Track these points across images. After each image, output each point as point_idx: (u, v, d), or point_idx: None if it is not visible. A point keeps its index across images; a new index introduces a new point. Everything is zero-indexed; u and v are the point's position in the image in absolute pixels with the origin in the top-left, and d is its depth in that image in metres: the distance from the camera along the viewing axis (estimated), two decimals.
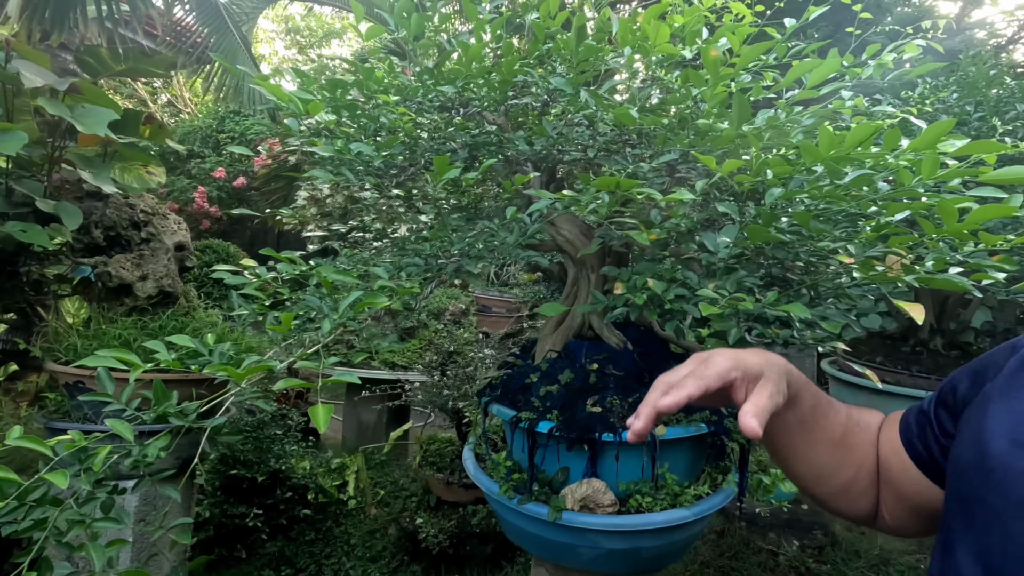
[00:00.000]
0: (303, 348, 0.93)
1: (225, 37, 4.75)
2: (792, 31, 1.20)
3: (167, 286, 1.67)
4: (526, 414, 1.26)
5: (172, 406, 0.76)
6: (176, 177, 7.76)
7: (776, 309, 0.89)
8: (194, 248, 3.84)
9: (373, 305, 0.81)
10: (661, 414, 0.57)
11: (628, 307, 0.99)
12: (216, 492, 2.33)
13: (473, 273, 0.99)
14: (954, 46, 3.19)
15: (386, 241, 1.54)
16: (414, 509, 2.37)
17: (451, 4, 4.01)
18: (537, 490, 1.23)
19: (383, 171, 1.13)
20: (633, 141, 1.20)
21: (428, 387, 2.34)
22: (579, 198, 0.93)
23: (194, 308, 1.77)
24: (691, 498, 1.21)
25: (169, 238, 1.74)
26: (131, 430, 0.74)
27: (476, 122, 1.19)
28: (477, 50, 1.00)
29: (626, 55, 0.93)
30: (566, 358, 1.40)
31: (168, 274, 1.68)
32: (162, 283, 1.66)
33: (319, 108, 0.88)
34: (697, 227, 1.07)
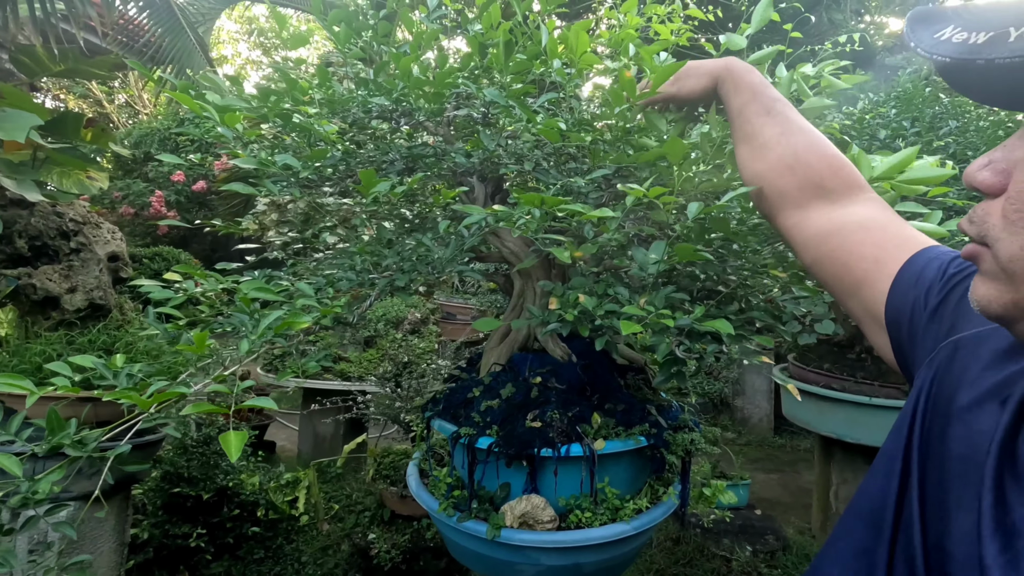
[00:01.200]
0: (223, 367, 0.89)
1: (179, 38, 4.62)
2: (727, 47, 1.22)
3: (98, 298, 1.60)
4: (466, 430, 1.24)
5: (68, 436, 0.72)
6: (132, 180, 7.49)
7: (703, 325, 0.89)
8: (144, 255, 3.71)
9: (294, 326, 0.78)
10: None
11: (561, 323, 0.98)
12: (157, 511, 2.23)
13: (403, 288, 0.97)
14: (896, 62, 3.33)
15: (328, 251, 1.50)
16: (367, 524, 2.31)
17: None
18: (476, 507, 1.21)
19: (314, 183, 1.10)
20: (574, 154, 1.20)
21: (381, 399, 2.30)
22: (512, 213, 0.92)
23: (128, 321, 1.70)
24: (631, 512, 1.20)
25: (102, 248, 1.66)
26: (19, 464, 0.69)
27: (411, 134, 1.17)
28: (408, 62, 0.99)
29: (555, 68, 0.93)
30: (510, 371, 1.39)
31: (100, 286, 1.61)
32: (92, 295, 1.59)
33: (236, 120, 0.85)
34: (633, 241, 1.07)
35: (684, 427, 1.31)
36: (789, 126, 0.75)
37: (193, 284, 1.07)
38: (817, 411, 2.42)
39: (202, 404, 0.66)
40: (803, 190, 0.72)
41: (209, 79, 1.09)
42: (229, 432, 0.66)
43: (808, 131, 0.75)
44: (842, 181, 0.71)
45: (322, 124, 0.92)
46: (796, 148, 0.73)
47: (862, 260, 0.64)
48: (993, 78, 0.39)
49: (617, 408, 1.28)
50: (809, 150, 0.73)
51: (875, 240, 0.64)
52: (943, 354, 0.52)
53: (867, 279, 0.63)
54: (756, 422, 4.64)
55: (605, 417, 1.26)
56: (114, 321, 1.65)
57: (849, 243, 0.65)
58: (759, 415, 4.64)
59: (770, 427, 4.60)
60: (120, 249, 1.72)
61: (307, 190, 1.09)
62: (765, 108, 0.77)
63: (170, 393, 0.68)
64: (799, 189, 0.72)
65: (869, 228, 0.66)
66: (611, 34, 0.93)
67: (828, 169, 0.71)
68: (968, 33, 0.39)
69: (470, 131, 1.39)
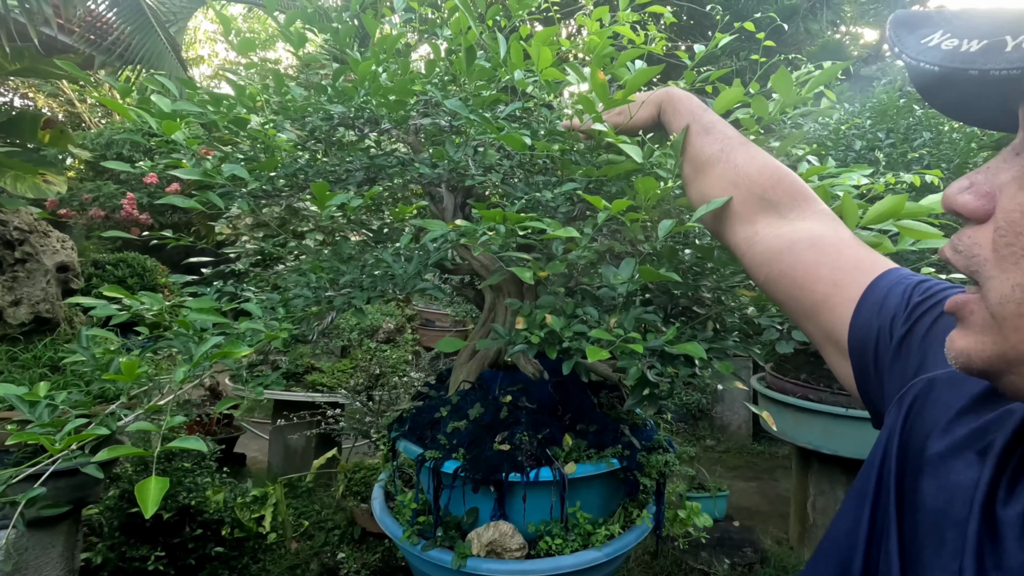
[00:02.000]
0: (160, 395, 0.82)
1: (149, 37, 4.48)
2: (701, 58, 1.19)
3: (44, 312, 1.50)
4: (431, 452, 1.18)
5: None
6: (103, 182, 7.28)
7: (675, 348, 0.85)
8: (107, 262, 3.57)
9: (231, 355, 0.72)
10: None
11: (527, 344, 0.93)
12: (114, 533, 2.13)
13: (359, 309, 0.91)
14: (871, 73, 3.36)
15: (290, 265, 1.43)
16: (336, 543, 2.23)
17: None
18: (442, 535, 1.15)
19: (268, 194, 1.04)
20: (543, 166, 1.15)
21: (353, 412, 2.23)
22: (475, 229, 0.87)
23: (78, 336, 1.60)
24: (603, 538, 1.16)
25: (49, 258, 1.57)
26: None
27: (379, 142, 1.12)
28: (367, 67, 0.93)
29: (517, 79, 0.88)
30: (479, 389, 1.33)
31: (46, 298, 1.52)
32: (39, 308, 1.49)
33: (174, 128, 0.79)
34: (605, 257, 1.03)
35: (659, 448, 1.27)
36: (729, 143, 0.74)
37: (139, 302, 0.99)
38: (794, 422, 2.40)
39: (119, 448, 0.59)
40: (747, 203, 0.70)
41: (155, 81, 1.02)
42: (149, 479, 0.59)
43: (748, 146, 0.74)
44: (786, 192, 0.69)
45: (271, 134, 0.86)
46: (736, 162, 0.72)
47: (819, 282, 0.60)
48: (983, 92, 0.36)
49: (589, 429, 1.24)
50: (750, 163, 0.71)
51: (831, 261, 0.61)
52: (914, 392, 0.49)
53: (826, 303, 0.59)
54: (735, 429, 4.65)
55: (577, 439, 1.21)
56: (62, 336, 1.56)
57: (803, 263, 0.62)
58: (738, 422, 4.65)
59: (749, 434, 4.61)
60: (70, 259, 1.63)
61: (260, 202, 1.03)
62: (704, 128, 0.77)
63: (87, 435, 0.61)
64: (743, 203, 0.70)
65: (822, 247, 0.63)
66: (568, 43, 0.89)
67: (770, 180, 0.70)
68: (959, 40, 0.35)
69: (440, 139, 1.34)
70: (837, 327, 0.58)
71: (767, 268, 0.66)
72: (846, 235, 0.65)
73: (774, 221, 0.68)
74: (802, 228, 0.65)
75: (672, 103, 0.81)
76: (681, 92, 0.82)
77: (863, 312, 0.56)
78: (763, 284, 0.68)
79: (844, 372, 0.59)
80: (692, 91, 1.19)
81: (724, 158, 0.73)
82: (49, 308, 1.52)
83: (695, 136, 0.77)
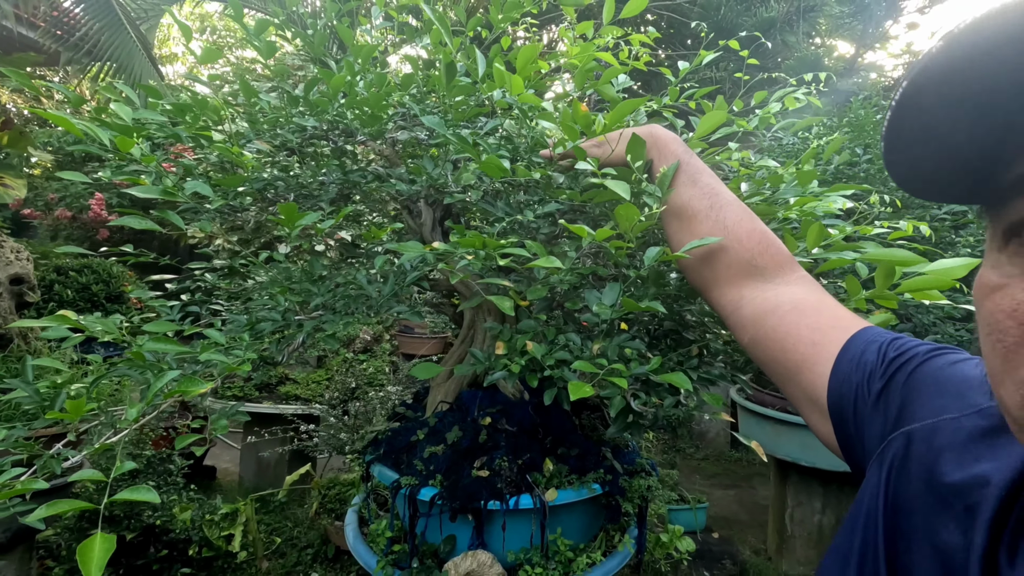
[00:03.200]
0: (112, 432, 0.76)
1: (119, 35, 4.34)
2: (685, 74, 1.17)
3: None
4: (407, 479, 1.14)
5: None
6: (70, 182, 7.05)
7: (659, 377, 0.82)
8: (70, 268, 3.43)
9: (187, 393, 0.67)
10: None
11: (507, 372, 0.90)
12: (73, 555, 2.02)
13: (332, 336, 0.86)
14: (847, 87, 3.41)
15: (260, 280, 1.37)
16: (309, 562, 2.16)
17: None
18: (417, 567, 1.10)
19: (235, 211, 0.98)
20: (524, 185, 1.12)
21: (327, 427, 2.16)
22: (453, 252, 0.83)
23: (34, 351, 1.52)
24: (583, 566, 1.12)
25: (2, 270, 1.48)
26: None
27: (355, 158, 1.07)
28: (340, 80, 0.89)
29: (496, 99, 0.85)
30: (458, 411, 1.29)
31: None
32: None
33: (129, 145, 0.73)
34: (588, 280, 1.00)
35: (641, 471, 1.24)
36: (717, 199, 0.74)
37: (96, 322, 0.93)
38: (773, 434, 2.41)
39: (60, 503, 0.54)
40: (735, 267, 0.71)
41: (113, 89, 0.96)
42: (94, 537, 0.54)
43: (735, 205, 0.74)
44: (772, 259, 0.70)
45: (235, 151, 0.81)
46: (726, 223, 0.72)
47: (799, 343, 0.61)
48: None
49: (571, 452, 1.21)
50: (738, 226, 0.72)
51: (811, 323, 0.62)
52: (895, 448, 0.48)
53: (806, 362, 0.60)
54: (713, 436, 4.67)
55: (558, 463, 1.18)
56: (15, 352, 1.47)
57: (785, 324, 0.63)
58: (715, 429, 4.67)
59: (726, 441, 4.64)
60: (25, 271, 1.54)
61: (227, 218, 0.97)
62: (691, 179, 0.75)
63: (22, 488, 0.55)
64: (731, 267, 0.72)
65: (803, 309, 0.64)
66: (546, 66, 0.86)
67: (759, 247, 0.71)
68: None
69: (416, 153, 1.29)
70: (817, 386, 0.58)
71: (752, 330, 0.67)
72: (825, 298, 0.66)
73: (760, 285, 0.69)
74: (785, 292, 0.67)
75: (657, 144, 0.79)
76: (666, 133, 0.80)
77: (841, 368, 0.56)
78: (748, 345, 0.69)
79: (825, 432, 0.59)
80: (675, 106, 1.18)
81: (713, 216, 0.73)
82: (1, 323, 1.44)
83: (681, 186, 0.75)
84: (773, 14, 3.65)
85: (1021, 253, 0.31)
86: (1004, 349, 0.32)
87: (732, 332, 0.73)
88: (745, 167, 1.00)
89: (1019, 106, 0.29)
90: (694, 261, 0.75)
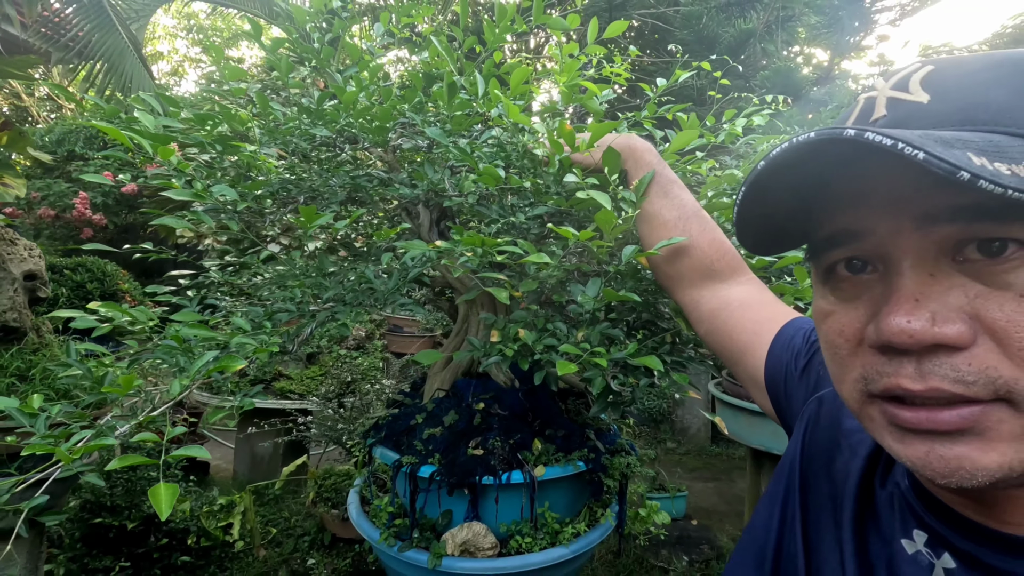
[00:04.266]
0: (153, 406, 0.86)
1: (110, 35, 4.37)
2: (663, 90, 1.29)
3: (12, 321, 1.49)
4: (408, 458, 1.24)
5: None
6: (53, 180, 6.99)
7: (636, 360, 0.94)
8: (64, 266, 3.47)
9: (228, 368, 0.77)
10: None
11: (501, 356, 1.01)
12: (75, 544, 2.09)
13: (345, 324, 0.96)
14: (820, 97, 3.57)
15: (267, 276, 1.47)
16: (306, 549, 2.25)
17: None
18: (418, 536, 1.21)
19: (254, 213, 1.08)
20: (516, 190, 1.23)
21: (323, 419, 2.25)
22: (453, 250, 0.94)
23: (46, 345, 1.59)
24: (569, 536, 1.24)
25: (17, 267, 1.55)
26: None
27: (356, 163, 1.17)
28: (352, 96, 0.99)
29: (493, 115, 0.96)
30: (453, 397, 1.40)
31: (14, 307, 1.50)
32: (6, 318, 1.48)
33: (169, 153, 0.83)
34: (573, 276, 1.11)
35: (621, 451, 1.36)
36: (684, 211, 0.86)
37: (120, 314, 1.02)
38: (747, 424, 2.54)
39: (129, 457, 0.64)
40: (696, 271, 0.84)
41: (141, 100, 1.06)
42: (159, 485, 0.64)
43: (700, 217, 0.86)
44: (727, 264, 0.83)
45: (262, 159, 0.91)
46: (691, 234, 0.84)
47: (743, 332, 0.75)
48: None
49: (558, 434, 1.32)
50: (701, 236, 0.84)
51: (753, 316, 0.76)
52: (810, 409, 0.61)
53: (748, 348, 0.73)
54: (694, 432, 4.82)
55: (546, 443, 1.29)
56: (30, 345, 1.54)
57: (733, 319, 0.77)
58: (697, 425, 4.82)
59: (708, 437, 4.79)
60: (38, 268, 1.62)
61: (246, 220, 1.07)
62: (663, 190, 0.87)
63: (96, 445, 0.65)
64: (692, 270, 0.84)
65: (749, 304, 0.77)
66: (537, 90, 0.97)
67: (717, 254, 0.84)
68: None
69: (414, 158, 1.40)
70: (758, 367, 0.71)
71: (707, 324, 0.81)
72: (767, 296, 0.80)
73: (715, 286, 0.83)
74: (735, 292, 0.81)
75: (634, 155, 0.90)
76: (642, 144, 0.91)
77: (774, 351, 0.70)
78: (704, 336, 0.83)
79: (767, 405, 0.73)
80: (654, 120, 1.29)
81: (681, 226, 0.85)
82: (16, 317, 1.51)
83: (655, 196, 0.87)
84: (751, 25, 3.80)
85: (837, 289, 0.42)
86: (839, 359, 0.42)
87: (692, 326, 0.86)
88: (715, 175, 1.12)
89: (812, 196, 0.42)
90: (663, 264, 0.88)
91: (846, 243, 0.40)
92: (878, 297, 0.39)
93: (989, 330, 0.35)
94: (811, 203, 0.43)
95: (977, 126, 0.35)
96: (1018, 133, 0.34)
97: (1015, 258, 0.34)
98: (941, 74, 0.38)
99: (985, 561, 0.40)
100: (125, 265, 3.83)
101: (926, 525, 0.44)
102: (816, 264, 0.44)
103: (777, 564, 0.54)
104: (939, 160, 0.28)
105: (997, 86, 0.36)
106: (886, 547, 0.46)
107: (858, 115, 0.41)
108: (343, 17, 1.25)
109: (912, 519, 0.45)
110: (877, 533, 0.47)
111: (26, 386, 1.42)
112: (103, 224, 7.06)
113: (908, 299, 0.36)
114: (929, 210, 0.35)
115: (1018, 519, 0.39)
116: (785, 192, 0.41)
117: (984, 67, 0.37)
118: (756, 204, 0.43)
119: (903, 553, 0.44)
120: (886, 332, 0.36)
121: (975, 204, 0.33)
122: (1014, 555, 0.39)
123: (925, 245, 0.36)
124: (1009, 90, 0.35)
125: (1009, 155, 0.31)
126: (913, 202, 0.36)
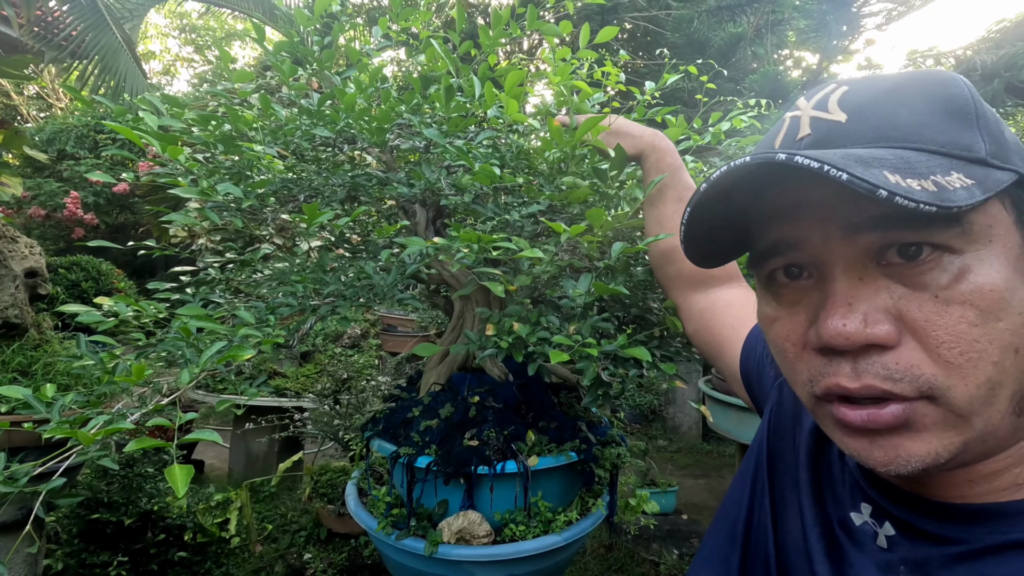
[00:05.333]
0: (161, 395, 0.89)
1: (104, 34, 4.37)
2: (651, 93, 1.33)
3: (13, 317, 1.51)
4: (405, 449, 1.28)
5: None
6: (44, 180, 6.96)
7: (625, 352, 0.98)
8: (59, 265, 3.48)
9: (237, 358, 0.80)
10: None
11: (496, 349, 1.05)
12: (73, 540, 2.11)
13: (345, 317, 1.00)
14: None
15: (267, 273, 1.50)
16: (302, 544, 2.27)
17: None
18: (415, 525, 1.25)
19: (256, 210, 1.12)
20: (511, 188, 1.27)
21: (320, 416, 2.28)
22: (451, 246, 0.98)
23: (47, 341, 1.61)
24: (562, 524, 1.28)
25: (18, 264, 1.58)
26: None
27: (353, 163, 1.21)
28: (351, 99, 1.03)
29: (490, 116, 1.00)
30: (449, 391, 1.43)
31: (15, 304, 1.53)
32: (7, 314, 1.50)
33: (178, 152, 0.86)
34: (565, 271, 1.15)
35: (612, 442, 1.40)
36: None
37: (125, 308, 1.05)
38: (737, 421, 2.60)
39: (145, 440, 0.67)
40: (694, 275, 0.90)
41: (146, 101, 1.09)
42: (175, 466, 0.68)
43: None
44: (724, 271, 0.89)
45: (268, 158, 0.95)
46: None
47: (723, 328, 0.81)
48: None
49: (551, 425, 1.36)
50: None
51: (735, 313, 0.82)
52: (774, 394, 0.67)
53: (727, 344, 0.79)
54: (686, 430, 4.88)
55: (539, 434, 1.33)
56: (31, 341, 1.56)
57: (717, 317, 0.84)
58: (688, 423, 4.89)
59: (699, 434, 4.85)
60: (39, 265, 1.64)
61: (248, 217, 1.10)
62: (678, 195, 0.92)
63: (113, 428, 0.68)
64: (692, 275, 0.90)
65: (732, 304, 0.84)
66: (532, 91, 1.01)
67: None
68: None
69: (410, 158, 1.43)
70: (735, 360, 0.77)
71: (695, 322, 0.88)
72: (751, 298, 0.86)
73: (707, 290, 0.89)
74: (723, 294, 0.87)
75: (657, 154, 0.93)
76: (668, 146, 0.94)
77: (748, 344, 0.75)
78: (691, 334, 0.90)
79: (745, 396, 0.78)
80: (644, 121, 1.34)
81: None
82: (18, 313, 1.53)
83: (669, 201, 0.92)
84: (741, 29, 3.87)
85: (778, 295, 0.46)
86: (789, 363, 0.45)
87: (682, 323, 0.92)
88: (703, 176, 1.17)
89: (749, 211, 0.46)
90: (665, 265, 0.93)
91: (783, 252, 0.44)
92: (816, 302, 0.43)
93: (911, 329, 0.38)
94: (749, 217, 0.47)
95: (890, 143, 0.39)
96: (925, 149, 0.38)
97: (930, 260, 0.38)
98: (856, 95, 0.42)
99: (919, 527, 0.44)
100: (117, 264, 3.84)
101: (870, 499, 0.49)
102: (758, 272, 0.48)
103: (748, 537, 0.59)
104: (860, 180, 0.32)
105: (902, 106, 0.40)
106: (842, 516, 0.51)
107: (785, 133, 0.45)
108: (342, 20, 1.28)
109: (859, 493, 0.50)
110: (834, 503, 0.52)
111: (28, 381, 1.44)
112: (95, 223, 7.03)
113: (842, 303, 0.39)
114: (854, 220, 0.39)
115: (947, 492, 0.44)
116: (726, 208, 0.46)
117: (891, 88, 0.41)
118: (699, 223, 0.46)
119: (853, 524, 0.49)
120: (824, 335, 0.40)
121: (893, 213, 0.37)
122: (944, 519, 0.43)
123: (853, 252, 0.40)
124: (912, 111, 0.40)
125: (919, 171, 0.35)
126: (839, 214, 0.40)
